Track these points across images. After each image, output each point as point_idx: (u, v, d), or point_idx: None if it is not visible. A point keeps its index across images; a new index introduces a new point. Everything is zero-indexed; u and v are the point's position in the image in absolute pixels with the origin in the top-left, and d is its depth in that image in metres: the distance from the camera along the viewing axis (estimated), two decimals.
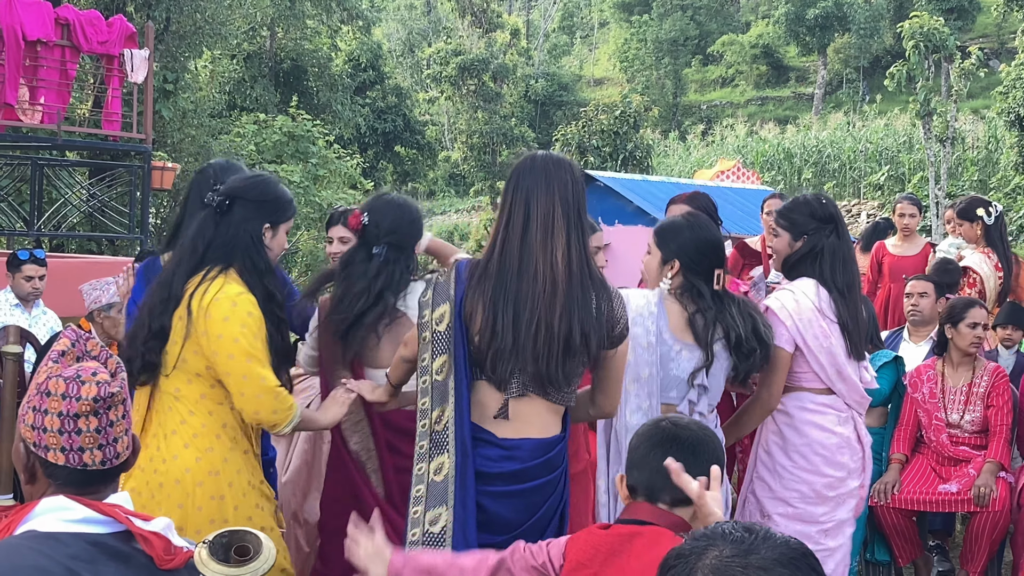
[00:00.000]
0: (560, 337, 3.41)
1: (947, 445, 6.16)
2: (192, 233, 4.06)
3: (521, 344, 3.40)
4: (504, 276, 3.45)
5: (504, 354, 3.42)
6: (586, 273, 3.49)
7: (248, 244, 3.97)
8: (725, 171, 23.54)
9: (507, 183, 3.61)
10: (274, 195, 4.10)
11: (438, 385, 3.50)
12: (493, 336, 3.42)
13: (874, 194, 28.55)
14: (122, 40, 12.65)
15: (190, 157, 18.25)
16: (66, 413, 2.27)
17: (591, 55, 61.89)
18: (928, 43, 20.44)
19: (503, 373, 3.45)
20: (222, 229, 3.97)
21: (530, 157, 3.63)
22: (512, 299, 3.42)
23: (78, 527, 2.21)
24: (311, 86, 32.84)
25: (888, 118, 33.79)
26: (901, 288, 7.78)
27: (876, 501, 5.97)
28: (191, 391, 3.92)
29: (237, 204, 3.98)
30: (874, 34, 44.49)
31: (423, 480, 3.49)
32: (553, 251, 3.44)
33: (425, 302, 3.57)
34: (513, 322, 3.40)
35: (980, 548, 5.84)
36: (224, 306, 3.82)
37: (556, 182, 3.52)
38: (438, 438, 3.48)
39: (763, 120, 42.59)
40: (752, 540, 1.81)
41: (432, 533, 3.42)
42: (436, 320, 3.52)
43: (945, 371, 6.29)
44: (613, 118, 29.44)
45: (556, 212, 3.48)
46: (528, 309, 3.41)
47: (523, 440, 3.50)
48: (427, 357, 3.53)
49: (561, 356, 3.42)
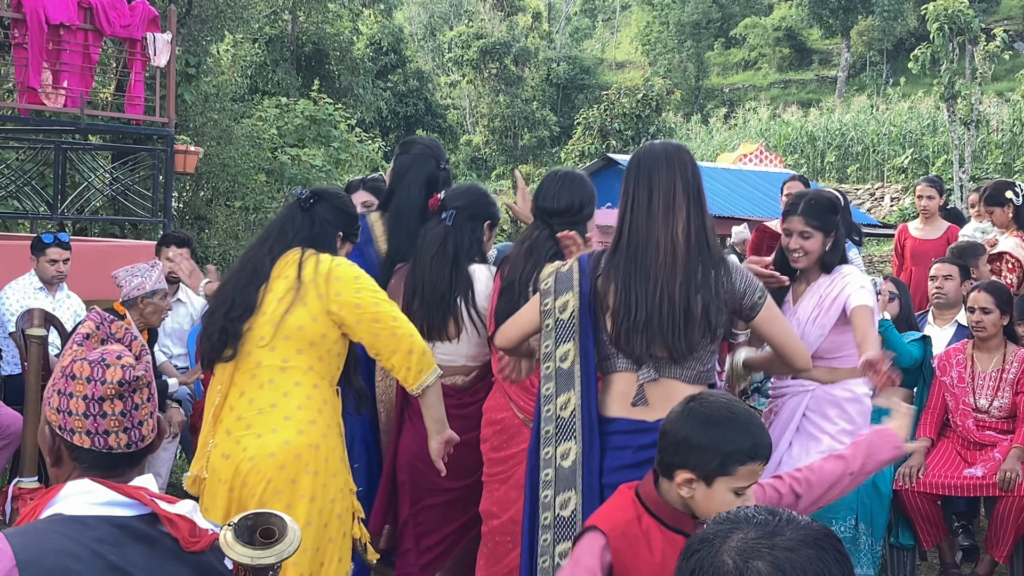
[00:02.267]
0: (680, 308, 3.48)
1: (972, 430, 6.13)
2: (280, 219, 4.24)
3: (649, 316, 3.48)
4: (633, 252, 3.54)
5: (638, 327, 3.49)
6: (705, 248, 3.57)
7: (331, 240, 4.17)
8: (748, 154, 23.47)
9: (627, 170, 3.71)
10: (351, 210, 4.32)
11: (563, 372, 3.58)
12: (627, 310, 3.50)
13: (898, 177, 28.41)
14: (145, 24, 12.65)
15: (212, 141, 18.26)
16: (91, 396, 2.28)
17: (613, 38, 61.70)
18: (952, 25, 20.30)
19: (638, 349, 3.50)
20: (306, 222, 4.14)
21: (648, 145, 3.77)
22: (642, 272, 3.51)
23: (104, 510, 2.21)
24: (333, 70, 32.85)
25: (912, 101, 33.61)
26: (924, 271, 7.75)
27: (901, 485, 5.95)
28: (301, 361, 3.96)
29: (321, 204, 4.18)
30: (898, 16, 44.23)
31: (551, 464, 3.56)
32: (674, 224, 3.55)
33: (547, 290, 3.67)
34: (646, 295, 3.48)
35: (1006, 533, 5.81)
36: (349, 269, 4.01)
37: (677, 161, 3.64)
38: (564, 424, 3.56)
39: (786, 103, 42.42)
40: (776, 522, 1.83)
41: (563, 517, 3.50)
42: (559, 308, 3.60)
43: (975, 356, 6.25)
44: (635, 101, 29.40)
45: (677, 188, 3.60)
46: (653, 280, 3.49)
47: None
48: (551, 344, 3.62)
49: (683, 327, 3.49)
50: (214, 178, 18.64)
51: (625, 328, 3.50)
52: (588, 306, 3.58)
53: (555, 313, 3.60)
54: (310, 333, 3.93)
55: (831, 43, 49.65)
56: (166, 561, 2.19)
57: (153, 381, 2.38)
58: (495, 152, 42.89)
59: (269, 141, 20.90)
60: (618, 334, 3.52)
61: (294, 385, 3.92)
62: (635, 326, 3.48)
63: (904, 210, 23.66)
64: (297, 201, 4.19)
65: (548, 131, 42.59)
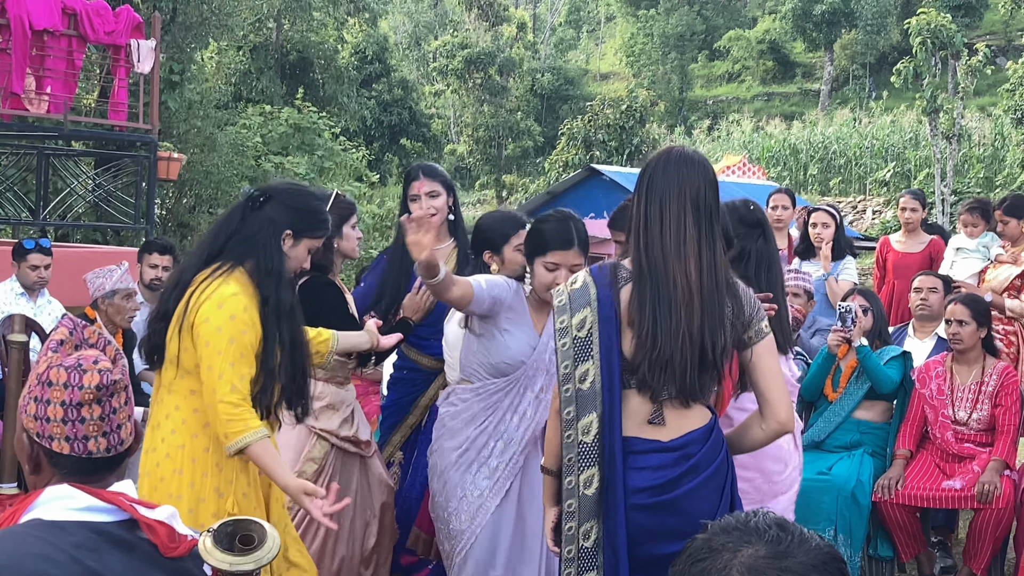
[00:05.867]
0: (697, 350, 3.36)
1: (951, 442, 6.15)
2: (219, 222, 4.09)
3: (672, 354, 3.34)
4: (656, 281, 3.39)
5: (661, 363, 3.35)
6: (718, 282, 3.43)
7: (266, 244, 3.93)
8: (731, 166, 23.50)
9: (640, 178, 3.54)
10: (308, 206, 4.09)
11: (584, 394, 3.42)
12: (653, 343, 3.35)
13: (880, 190, 28.47)
14: (129, 30, 12.64)
15: (196, 148, 18.23)
16: (69, 402, 2.27)
17: (597, 49, 61.77)
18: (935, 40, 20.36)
19: (658, 383, 3.37)
20: (248, 224, 3.97)
21: (664, 154, 3.55)
22: (665, 305, 3.36)
23: (82, 515, 2.21)
24: (317, 78, 32.81)
25: (894, 115, 33.68)
26: (905, 285, 7.78)
27: (880, 496, 5.97)
28: (182, 386, 3.91)
29: (270, 204, 3.99)
30: (881, 30, 44.35)
31: (574, 494, 3.43)
32: (686, 260, 3.38)
33: (562, 307, 3.49)
34: (670, 331, 3.34)
35: (983, 545, 5.84)
36: (211, 308, 3.79)
37: (688, 186, 3.44)
38: (586, 450, 3.41)
39: (769, 116, 42.48)
40: (788, 542, 1.79)
41: (585, 548, 3.40)
42: (577, 325, 3.44)
43: (954, 368, 6.28)
44: (619, 112, 29.42)
45: (687, 220, 3.42)
46: (675, 317, 3.34)
47: (690, 434, 3.46)
48: (569, 364, 3.44)
49: (698, 370, 3.38)
50: (197, 185, 18.61)
51: (648, 361, 3.35)
52: (610, 320, 3.42)
53: (572, 331, 3.43)
54: (185, 361, 3.87)
55: (814, 56, 49.79)
56: (145, 567, 2.19)
57: (130, 385, 2.38)
58: (479, 162, 42.84)
59: (253, 149, 20.87)
60: (638, 361, 3.38)
61: (174, 408, 3.90)
62: (657, 361, 3.35)
63: (886, 223, 23.73)
64: (246, 200, 4.04)
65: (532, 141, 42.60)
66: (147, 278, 7.43)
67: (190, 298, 3.85)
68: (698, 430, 3.48)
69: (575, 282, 3.53)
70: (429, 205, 5.38)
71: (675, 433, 3.45)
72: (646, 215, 3.45)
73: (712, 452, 3.49)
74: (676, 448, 3.43)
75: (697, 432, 3.47)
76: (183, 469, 3.86)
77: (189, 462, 3.86)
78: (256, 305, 3.89)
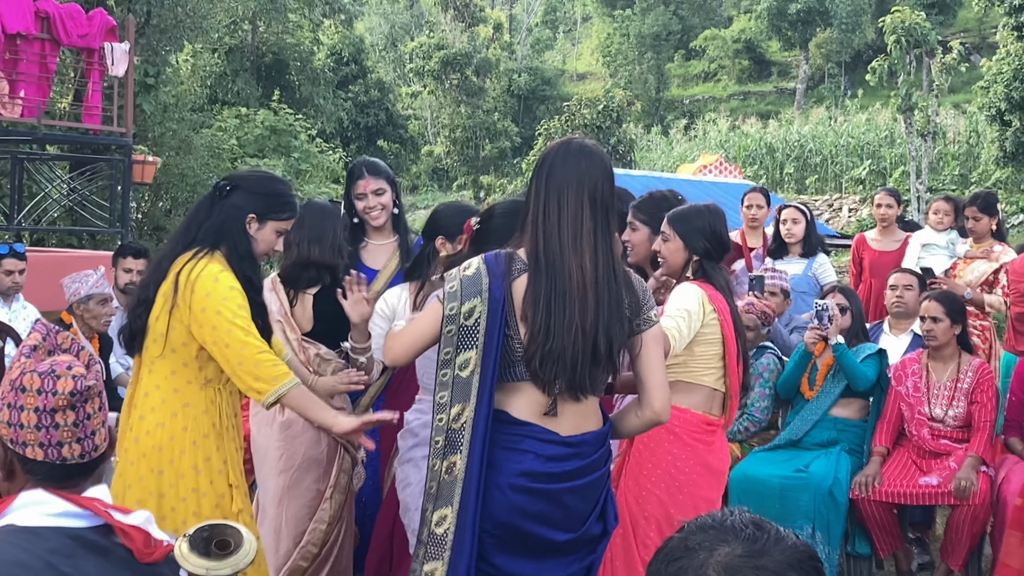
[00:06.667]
0: (590, 344, 3.36)
1: (928, 439, 6.18)
2: (189, 214, 4.31)
3: (564, 347, 3.34)
4: (552, 273, 3.39)
5: (553, 356, 3.34)
6: (612, 276, 3.44)
7: (233, 229, 4.12)
8: (708, 166, 23.59)
9: (539, 169, 3.53)
10: (270, 190, 4.25)
11: (460, 381, 3.41)
12: (546, 336, 3.34)
13: (856, 188, 28.57)
14: (103, 34, 12.60)
15: (171, 151, 18.19)
16: (43, 408, 2.27)
17: (574, 50, 61.82)
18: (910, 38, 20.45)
19: (549, 375, 3.37)
20: (215, 212, 4.14)
21: (563, 145, 3.55)
22: (560, 298, 3.36)
23: (57, 521, 2.20)
24: (293, 80, 32.72)
25: (870, 113, 33.82)
26: (881, 283, 7.80)
27: (857, 494, 5.99)
28: (163, 365, 4.05)
29: (235, 192, 4.15)
30: (856, 29, 44.52)
31: (436, 477, 3.44)
32: (582, 255, 3.39)
33: (452, 293, 3.47)
34: (563, 324, 3.34)
35: (960, 541, 5.87)
36: (207, 282, 3.97)
37: (586, 179, 3.45)
38: (453, 436, 3.41)
39: (745, 115, 42.58)
40: (765, 540, 1.79)
41: (435, 534, 3.40)
42: (465, 314, 3.42)
43: (930, 365, 6.31)
44: (596, 113, 29.44)
45: (584, 214, 3.43)
46: (569, 310, 3.35)
47: (586, 435, 3.48)
48: (451, 351, 3.43)
49: (591, 365, 3.39)
50: (173, 188, 18.55)
51: (540, 353, 3.35)
52: (499, 312, 3.41)
53: (459, 319, 3.42)
54: (174, 338, 4.02)
55: (790, 55, 49.94)
56: (120, 572, 2.19)
57: (104, 391, 2.37)
58: (456, 163, 42.76)
59: (229, 151, 20.82)
60: (531, 354, 3.38)
61: (154, 388, 4.05)
62: (550, 354, 3.34)
63: (862, 221, 23.82)
64: (214, 190, 4.20)
65: (509, 142, 42.55)
66: (122, 282, 7.41)
67: (177, 280, 4.00)
68: (593, 433, 3.51)
69: (468, 268, 3.50)
70: (376, 202, 5.44)
71: (573, 430, 3.46)
72: (544, 207, 3.44)
73: (602, 458, 3.54)
74: (572, 444, 3.44)
75: (592, 435, 3.50)
76: (162, 446, 4.01)
77: (167, 439, 4.01)
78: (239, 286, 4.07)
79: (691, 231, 4.54)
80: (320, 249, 4.98)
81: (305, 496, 5.04)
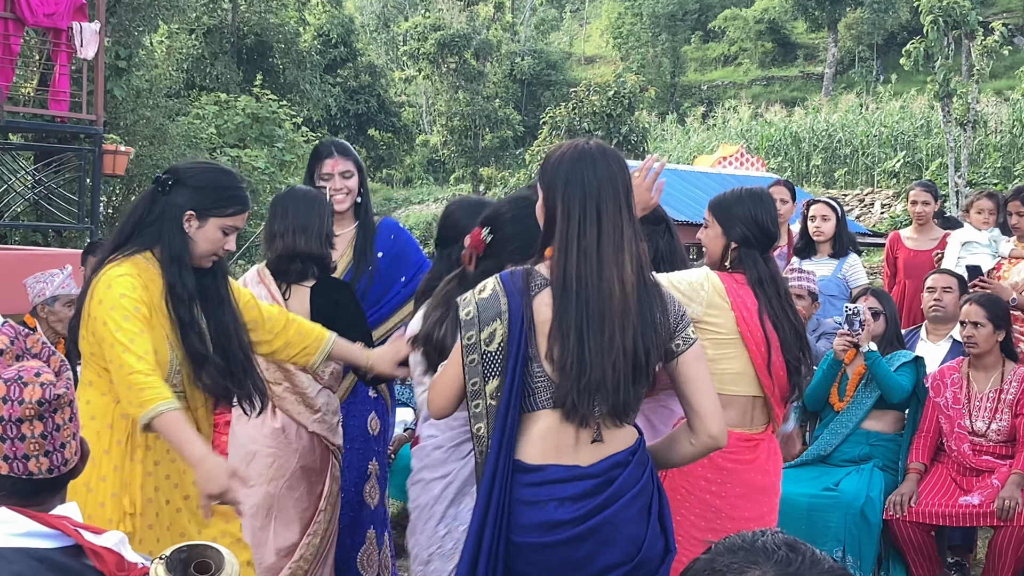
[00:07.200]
0: (631, 362, 3.32)
1: (968, 455, 6.16)
2: (128, 210, 4.25)
3: (604, 374, 3.28)
4: (585, 296, 3.32)
5: (592, 387, 3.29)
6: (648, 282, 3.42)
7: (170, 228, 4.04)
8: (727, 157, 23.55)
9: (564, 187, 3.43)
10: (212, 182, 4.14)
11: (493, 411, 3.37)
12: (581, 368, 3.28)
13: (889, 182, 28.53)
14: (71, 12, 12.59)
15: (144, 140, 18.20)
16: (8, 418, 2.25)
17: (582, 31, 61.86)
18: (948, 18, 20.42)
19: (587, 407, 3.31)
20: (155, 208, 4.09)
21: (591, 156, 3.46)
22: (596, 322, 3.30)
23: (23, 541, 2.20)
24: (277, 64, 32.74)
25: (904, 100, 33.79)
26: (917, 284, 7.79)
27: (891, 514, 5.98)
28: (84, 374, 4.07)
29: (176, 186, 4.08)
30: (889, 8, 44.52)
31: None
32: (623, 266, 3.34)
33: (470, 321, 3.40)
34: (601, 350, 3.28)
35: (1004, 565, 5.85)
36: (101, 288, 3.92)
37: (622, 188, 3.42)
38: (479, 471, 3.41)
39: (768, 102, 42.58)
40: (799, 563, 1.77)
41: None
42: (486, 340, 3.37)
43: (970, 375, 6.29)
44: (606, 99, 29.41)
45: (624, 219, 3.39)
46: (608, 333, 3.29)
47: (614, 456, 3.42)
48: (479, 381, 3.38)
49: (632, 383, 3.35)
50: (146, 181, 18.52)
51: (576, 388, 3.29)
52: (520, 333, 3.35)
53: (481, 346, 3.37)
54: (84, 347, 4.02)
55: (817, 37, 49.95)
56: None
57: (76, 400, 2.36)
58: (454, 154, 42.80)
59: (207, 141, 20.84)
60: (565, 390, 3.31)
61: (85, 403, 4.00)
62: (587, 387, 3.28)
63: (896, 217, 23.80)
64: (154, 184, 4.14)
65: (512, 131, 42.59)
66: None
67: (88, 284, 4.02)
68: (621, 452, 3.44)
69: (483, 291, 3.44)
70: (343, 185, 5.47)
71: (595, 457, 3.40)
72: (581, 222, 3.37)
73: (636, 471, 3.45)
74: (597, 474, 3.38)
75: (620, 455, 3.43)
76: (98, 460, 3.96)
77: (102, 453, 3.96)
78: (161, 289, 4.02)
79: (730, 217, 4.54)
80: (306, 239, 4.96)
81: (298, 506, 5.05)
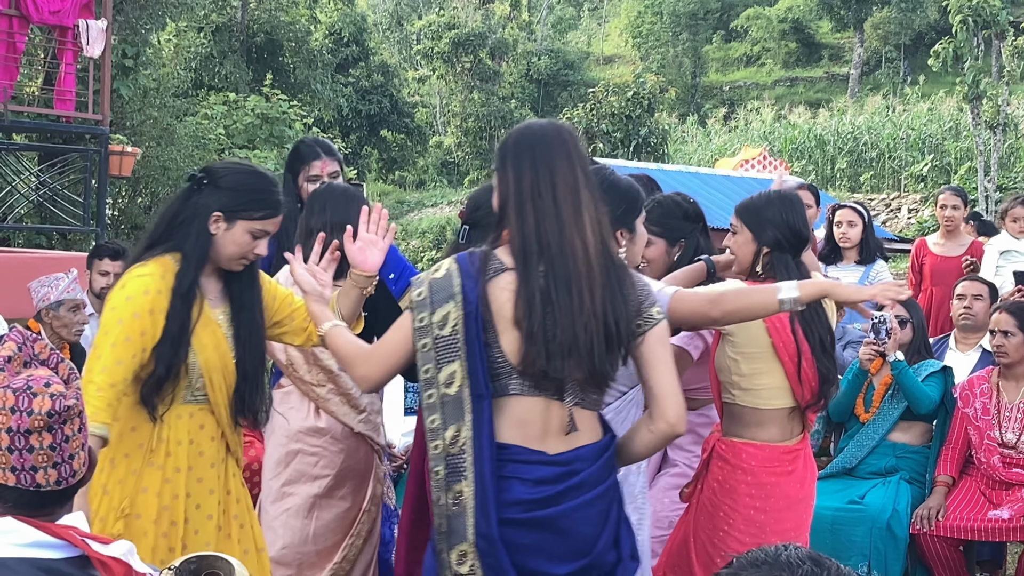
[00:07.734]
0: (602, 325, 3.32)
1: (998, 468, 6.14)
2: (162, 209, 4.24)
3: (576, 336, 3.29)
4: (550, 258, 3.34)
5: (563, 350, 3.28)
6: (610, 252, 3.44)
7: (196, 229, 4.01)
8: (750, 160, 23.52)
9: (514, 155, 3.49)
10: (241, 184, 4.10)
11: (450, 400, 3.34)
12: (551, 330, 3.28)
13: (916, 186, 28.49)
14: (77, 10, 12.62)
15: (152, 141, 18.20)
16: (16, 429, 2.25)
17: (600, 30, 61.87)
18: (978, 18, 20.39)
19: (559, 373, 3.31)
20: (187, 207, 4.05)
21: (537, 125, 3.57)
22: (563, 283, 3.31)
23: (29, 552, 2.20)
24: (287, 63, 32.78)
25: (932, 102, 33.76)
26: (944, 291, 7.78)
27: (919, 528, 5.96)
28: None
29: (208, 186, 4.05)
30: (917, 8, 44.47)
31: (444, 513, 3.36)
32: (583, 228, 3.37)
33: (421, 302, 3.41)
34: (571, 311, 3.29)
35: None
36: (116, 288, 3.99)
37: (575, 152, 3.47)
38: (455, 462, 3.34)
39: (792, 103, 42.55)
40: None
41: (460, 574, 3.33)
42: (438, 323, 3.36)
43: (1000, 385, 6.27)
44: (625, 100, 29.41)
45: (580, 180, 3.43)
46: (576, 294, 3.30)
47: (579, 449, 3.41)
48: (431, 368, 3.37)
49: (605, 348, 3.33)
50: (153, 183, 18.57)
51: (546, 351, 3.28)
52: (476, 316, 3.34)
53: (433, 330, 3.36)
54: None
55: (843, 37, 49.90)
56: None
57: (84, 410, 2.36)
58: (468, 155, 42.83)
59: (215, 142, 20.85)
60: (530, 356, 3.30)
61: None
62: (560, 349, 3.28)
63: (923, 223, 23.76)
64: (189, 182, 4.12)
65: None
66: (97, 287, 7.41)
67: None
68: (588, 446, 3.43)
69: (438, 271, 3.45)
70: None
71: (564, 447, 3.40)
72: (534, 186, 3.41)
73: (602, 473, 3.44)
74: (561, 463, 3.38)
75: (587, 449, 3.42)
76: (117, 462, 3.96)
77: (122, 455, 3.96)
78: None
79: (760, 221, 4.53)
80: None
81: (340, 506, 5.05)
